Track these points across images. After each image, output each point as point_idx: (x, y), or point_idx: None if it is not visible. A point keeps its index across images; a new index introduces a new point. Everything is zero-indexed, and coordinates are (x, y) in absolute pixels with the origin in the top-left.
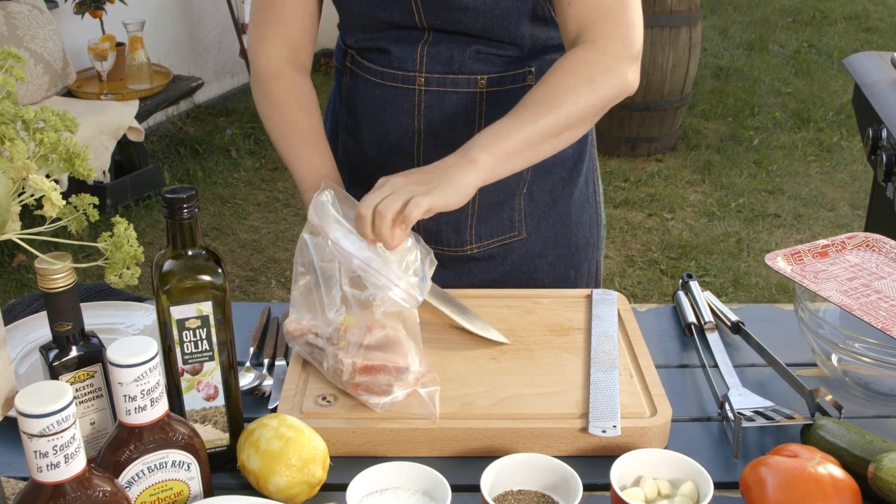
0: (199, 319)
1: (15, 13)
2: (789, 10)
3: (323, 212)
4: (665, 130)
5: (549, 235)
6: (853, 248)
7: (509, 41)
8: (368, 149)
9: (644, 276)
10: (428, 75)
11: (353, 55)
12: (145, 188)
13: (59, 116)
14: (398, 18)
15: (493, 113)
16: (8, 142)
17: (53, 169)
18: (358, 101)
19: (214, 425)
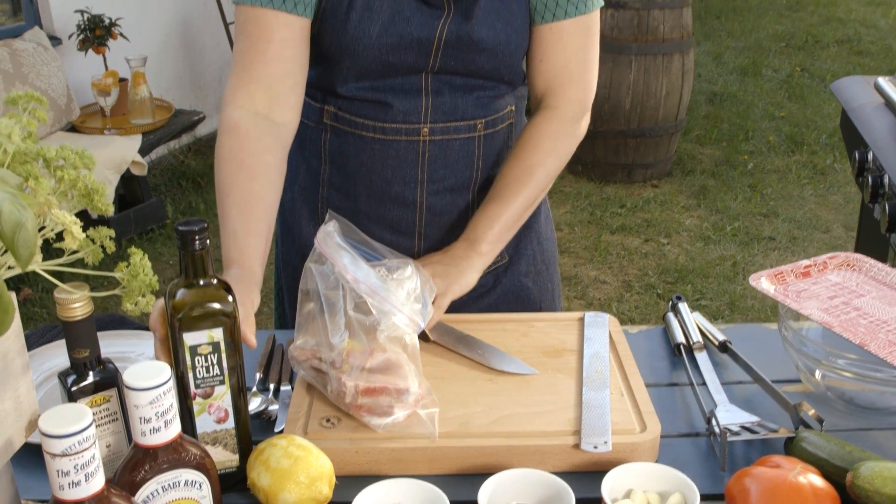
0: (210, 346)
1: (20, 50)
2: (782, 35)
3: (329, 241)
4: (660, 156)
5: (528, 254)
6: (835, 268)
7: (507, 80)
8: (364, 202)
9: (641, 301)
10: (432, 125)
11: (336, 112)
12: (148, 221)
13: (77, 154)
14: (410, 62)
15: (488, 153)
16: (32, 179)
17: (73, 204)
18: (350, 158)
19: (225, 447)
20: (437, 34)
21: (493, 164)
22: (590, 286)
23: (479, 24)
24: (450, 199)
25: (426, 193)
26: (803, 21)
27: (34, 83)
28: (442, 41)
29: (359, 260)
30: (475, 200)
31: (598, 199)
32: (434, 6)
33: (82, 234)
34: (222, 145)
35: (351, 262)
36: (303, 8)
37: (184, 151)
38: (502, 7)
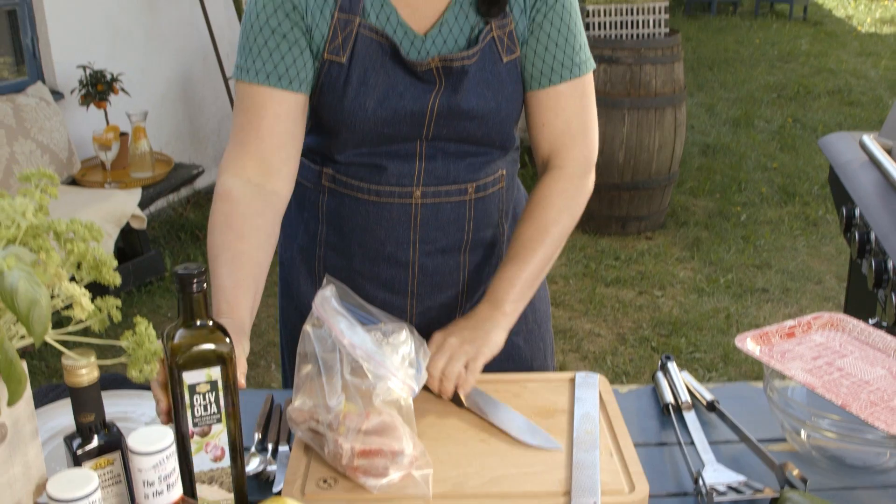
0: (208, 384)
1: (23, 106)
2: (774, 86)
3: (327, 305)
4: (654, 208)
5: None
6: (819, 328)
7: (499, 145)
8: (358, 262)
9: (635, 354)
10: (425, 188)
11: (333, 175)
12: (147, 274)
13: (87, 228)
14: (405, 132)
15: (479, 216)
16: (43, 253)
17: (82, 276)
18: (346, 219)
19: (220, 485)
20: (429, 106)
21: (484, 226)
22: (584, 339)
23: (468, 94)
24: (441, 260)
25: (418, 254)
26: (795, 72)
27: (36, 138)
28: (434, 113)
29: (355, 325)
30: (466, 261)
31: (592, 251)
32: (426, 81)
33: (91, 305)
34: (215, 211)
35: (348, 328)
36: (298, 85)
37: (182, 204)
38: (491, 77)
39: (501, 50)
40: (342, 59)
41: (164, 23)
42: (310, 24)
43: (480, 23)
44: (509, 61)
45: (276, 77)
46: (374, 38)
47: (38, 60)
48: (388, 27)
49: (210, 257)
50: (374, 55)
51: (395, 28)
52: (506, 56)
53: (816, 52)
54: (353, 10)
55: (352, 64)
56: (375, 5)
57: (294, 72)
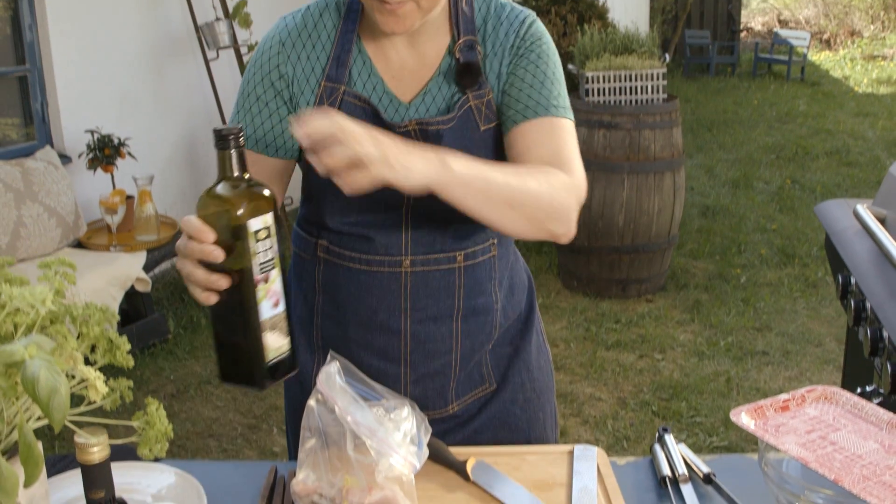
0: (266, 230)
1: (31, 169)
2: (772, 147)
3: (331, 382)
4: (654, 271)
5: (516, 381)
6: (812, 401)
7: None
8: (352, 330)
9: (636, 419)
10: (413, 257)
11: (327, 245)
12: (150, 337)
13: (101, 311)
14: (388, 195)
15: (469, 284)
16: (61, 338)
17: (97, 358)
18: (340, 288)
19: (280, 331)
20: None
21: (475, 294)
22: (585, 403)
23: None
24: (433, 327)
25: (410, 322)
26: (793, 133)
27: (44, 201)
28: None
29: (359, 402)
30: (459, 329)
31: (593, 314)
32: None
33: (105, 388)
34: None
35: (351, 404)
36: (275, 150)
37: None
38: (469, 144)
39: (479, 119)
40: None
41: (170, 87)
42: (295, 93)
43: (458, 93)
44: (486, 129)
45: (254, 142)
46: (356, 103)
47: (46, 125)
48: (373, 95)
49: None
50: (356, 119)
51: (380, 96)
52: (483, 124)
53: (814, 113)
54: (339, 79)
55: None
56: (363, 75)
57: (272, 138)
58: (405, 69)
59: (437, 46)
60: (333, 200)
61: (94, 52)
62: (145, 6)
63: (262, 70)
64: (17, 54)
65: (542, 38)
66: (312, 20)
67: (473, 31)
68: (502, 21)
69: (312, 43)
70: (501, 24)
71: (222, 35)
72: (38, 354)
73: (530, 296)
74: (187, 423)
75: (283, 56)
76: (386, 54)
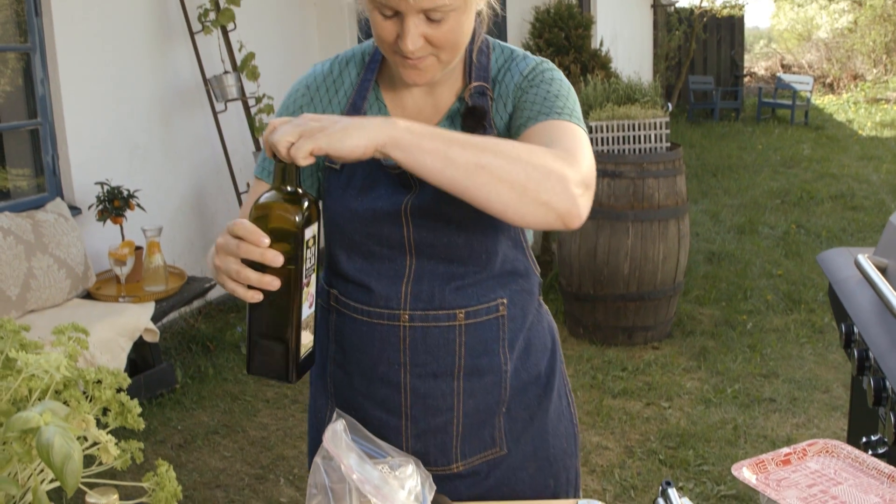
0: (314, 238)
1: (42, 221)
2: (777, 192)
3: (337, 439)
4: (660, 318)
5: (528, 450)
6: (814, 455)
7: (485, 261)
8: (357, 380)
9: (643, 467)
10: (412, 312)
11: (337, 295)
12: (158, 386)
13: (113, 375)
14: (387, 234)
15: (471, 342)
16: (74, 401)
17: (108, 421)
18: (346, 338)
19: (310, 329)
20: (402, 206)
21: (478, 354)
22: (592, 452)
23: (440, 197)
24: (434, 384)
25: (410, 376)
26: (797, 178)
27: (54, 253)
28: (408, 213)
29: (364, 459)
30: (461, 387)
31: (599, 362)
32: (403, 184)
33: (116, 450)
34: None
35: (356, 462)
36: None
37: (194, 315)
38: None
39: None
40: (337, 165)
41: (179, 139)
42: None
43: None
44: None
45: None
46: None
47: (57, 177)
48: None
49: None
50: (361, 162)
51: None
52: None
53: (819, 157)
54: None
55: (343, 169)
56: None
57: None
58: (420, 114)
59: (450, 92)
60: (340, 238)
61: (104, 106)
62: (155, 60)
63: (287, 112)
64: (30, 108)
65: (550, 70)
66: (339, 68)
67: (487, 78)
68: (511, 67)
69: (336, 89)
70: (510, 70)
71: (230, 87)
72: (52, 421)
73: (552, 358)
74: (194, 473)
75: (307, 99)
76: (403, 101)
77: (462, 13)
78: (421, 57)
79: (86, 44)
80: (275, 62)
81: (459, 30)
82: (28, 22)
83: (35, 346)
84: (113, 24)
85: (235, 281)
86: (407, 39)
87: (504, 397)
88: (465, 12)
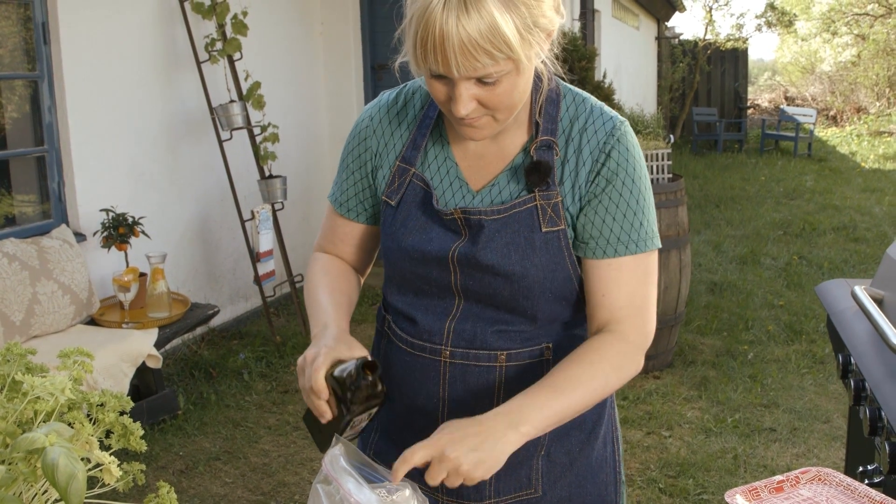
0: (369, 414)
1: (47, 248)
2: (780, 223)
3: (336, 464)
4: (661, 348)
5: (563, 494)
6: (806, 482)
7: (530, 314)
8: (398, 407)
9: (643, 496)
10: (453, 349)
11: (389, 321)
12: (160, 412)
13: (117, 398)
14: (435, 276)
15: (511, 386)
16: (78, 424)
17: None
18: (391, 364)
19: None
20: (450, 253)
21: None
22: None
23: (487, 249)
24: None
25: (447, 412)
26: (800, 209)
27: (58, 279)
28: (455, 260)
29: (362, 484)
30: None
31: None
32: (453, 230)
33: (119, 472)
34: (314, 262)
35: (355, 487)
36: (356, 215)
37: (197, 342)
38: (524, 242)
39: (542, 219)
40: (393, 201)
41: (184, 166)
42: (377, 165)
43: (525, 190)
44: (549, 232)
45: (340, 205)
46: (421, 186)
47: (62, 204)
48: (445, 180)
49: (311, 287)
50: (417, 201)
51: (451, 181)
52: (546, 226)
53: (821, 189)
54: (412, 162)
55: (399, 206)
56: (439, 158)
57: (354, 204)
58: (482, 159)
59: (516, 141)
60: (392, 273)
61: (110, 133)
62: (161, 88)
63: (354, 141)
64: (36, 135)
65: (628, 155)
66: (404, 98)
67: (555, 131)
68: (587, 127)
69: (399, 120)
70: (586, 129)
71: (236, 116)
72: (57, 442)
73: (600, 406)
74: (196, 499)
75: (371, 130)
76: (465, 142)
77: (516, 75)
78: (476, 118)
79: (93, 72)
80: (280, 91)
81: (514, 91)
82: (36, 50)
83: (41, 370)
84: (120, 52)
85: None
86: (459, 105)
87: (543, 441)
88: (520, 74)
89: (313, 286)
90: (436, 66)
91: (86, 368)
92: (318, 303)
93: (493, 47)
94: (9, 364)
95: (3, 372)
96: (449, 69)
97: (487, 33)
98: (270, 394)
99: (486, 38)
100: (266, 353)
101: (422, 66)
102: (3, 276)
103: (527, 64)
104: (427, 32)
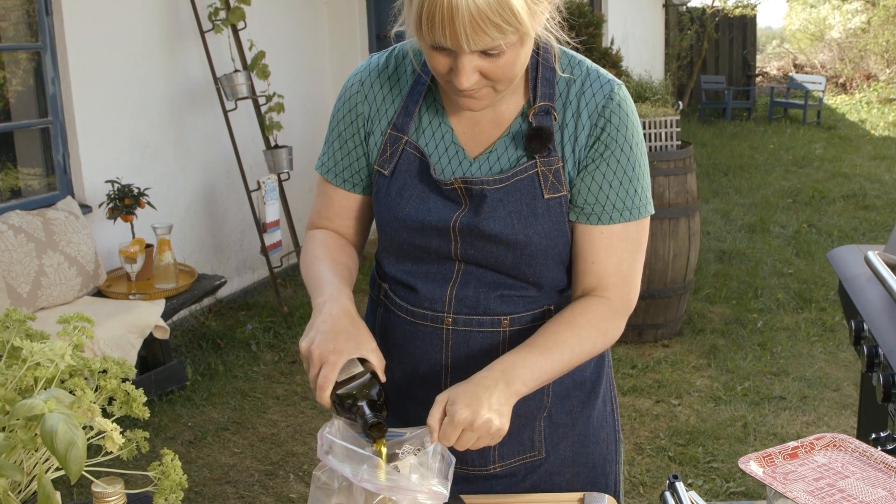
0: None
1: (53, 219)
2: (789, 191)
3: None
4: (670, 317)
5: (567, 455)
6: (821, 449)
7: (533, 281)
8: (399, 377)
9: (653, 464)
10: (455, 316)
11: (386, 290)
12: (168, 383)
13: (119, 364)
14: (435, 246)
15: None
16: (79, 391)
17: (114, 410)
18: (390, 334)
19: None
20: (451, 223)
21: None
22: None
23: (490, 218)
24: None
25: (451, 378)
26: (809, 177)
27: (64, 250)
28: (457, 230)
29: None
30: None
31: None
32: (452, 200)
33: (122, 439)
34: (311, 238)
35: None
36: (352, 186)
37: (205, 313)
38: (526, 210)
39: (544, 186)
40: (386, 171)
41: (190, 138)
42: (369, 132)
43: (525, 157)
44: (551, 198)
45: (334, 175)
46: (415, 154)
47: (68, 175)
48: (440, 146)
49: (309, 260)
50: (413, 171)
51: (447, 146)
52: (548, 193)
53: (831, 157)
54: (404, 129)
55: (393, 176)
56: (434, 123)
57: (349, 174)
58: (478, 125)
59: (513, 106)
60: (388, 244)
61: (114, 104)
62: (166, 58)
63: (345, 108)
64: (40, 107)
65: (628, 121)
66: (395, 62)
67: (552, 96)
68: (584, 90)
69: (390, 85)
70: (584, 92)
71: (241, 86)
72: (56, 408)
73: (599, 363)
74: (204, 469)
75: (362, 95)
76: (461, 108)
77: (520, 46)
78: (477, 89)
79: (96, 43)
80: (285, 61)
81: (517, 62)
82: (39, 21)
83: (41, 336)
84: (123, 22)
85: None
86: (462, 78)
87: (546, 403)
88: (523, 45)
89: (312, 258)
90: (443, 39)
91: (86, 334)
92: (318, 273)
93: (501, 20)
94: (8, 330)
95: (3, 338)
96: (458, 42)
97: (496, 5)
98: (278, 364)
99: (495, 10)
100: (273, 323)
101: (427, 39)
102: (9, 249)
103: (531, 35)
104: (435, 5)
